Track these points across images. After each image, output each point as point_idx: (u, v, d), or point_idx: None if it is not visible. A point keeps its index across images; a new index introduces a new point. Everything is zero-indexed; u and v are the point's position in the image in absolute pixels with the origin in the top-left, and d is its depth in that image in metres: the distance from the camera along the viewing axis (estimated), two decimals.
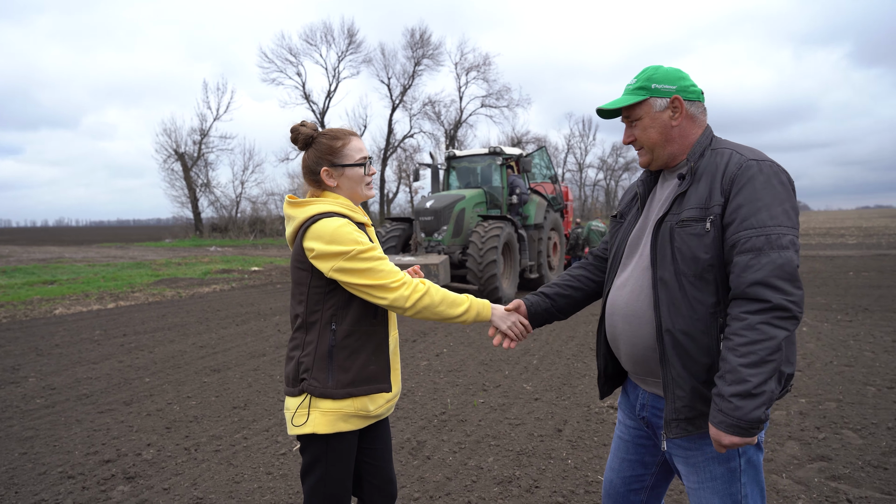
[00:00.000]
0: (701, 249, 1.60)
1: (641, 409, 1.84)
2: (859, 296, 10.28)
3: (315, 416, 1.89)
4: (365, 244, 1.89)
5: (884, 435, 3.89)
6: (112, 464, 3.73)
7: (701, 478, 1.69)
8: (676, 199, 1.68)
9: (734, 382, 1.48)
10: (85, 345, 7.48)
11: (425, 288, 1.92)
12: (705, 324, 1.60)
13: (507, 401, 4.84)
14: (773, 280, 1.48)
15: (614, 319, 1.83)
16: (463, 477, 3.44)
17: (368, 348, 1.95)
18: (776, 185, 1.57)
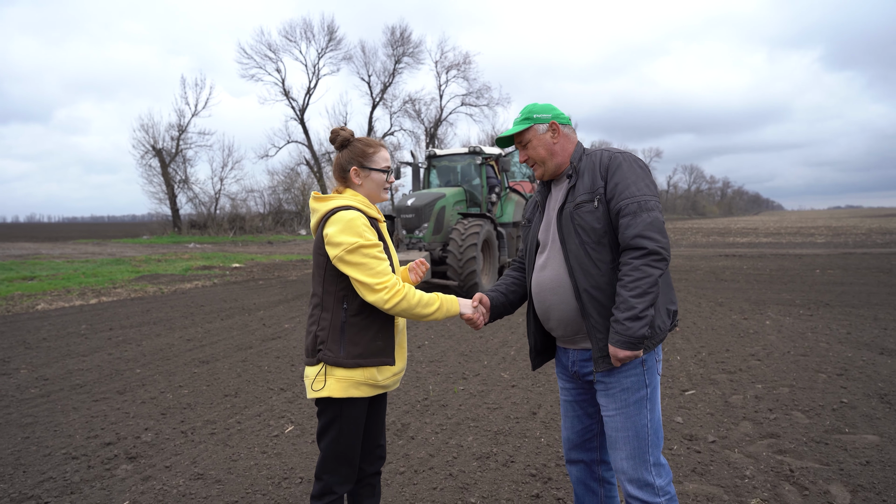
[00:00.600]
0: (595, 221, 2.13)
1: (573, 366, 2.30)
2: (822, 292, 10.75)
3: (330, 382, 2.18)
4: (369, 241, 2.16)
5: (828, 416, 4.26)
6: (113, 446, 3.95)
7: (617, 405, 2.15)
8: (569, 192, 2.22)
9: (625, 309, 1.99)
10: (72, 338, 7.62)
11: (403, 293, 2.16)
12: (609, 278, 2.12)
13: (486, 388, 5.14)
14: (647, 232, 2.02)
15: (543, 295, 2.28)
16: (444, 454, 3.73)
17: (376, 325, 2.23)
18: (637, 168, 2.15)
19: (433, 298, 2.27)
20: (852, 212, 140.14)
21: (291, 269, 17.69)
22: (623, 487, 2.16)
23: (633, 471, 2.11)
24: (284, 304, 10.63)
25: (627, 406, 2.13)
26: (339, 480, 2.26)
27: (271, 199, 44.81)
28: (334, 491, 2.26)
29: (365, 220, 2.20)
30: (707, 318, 8.34)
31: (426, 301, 2.23)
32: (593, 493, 2.41)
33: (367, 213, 2.28)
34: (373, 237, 2.19)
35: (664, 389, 4.99)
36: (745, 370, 5.52)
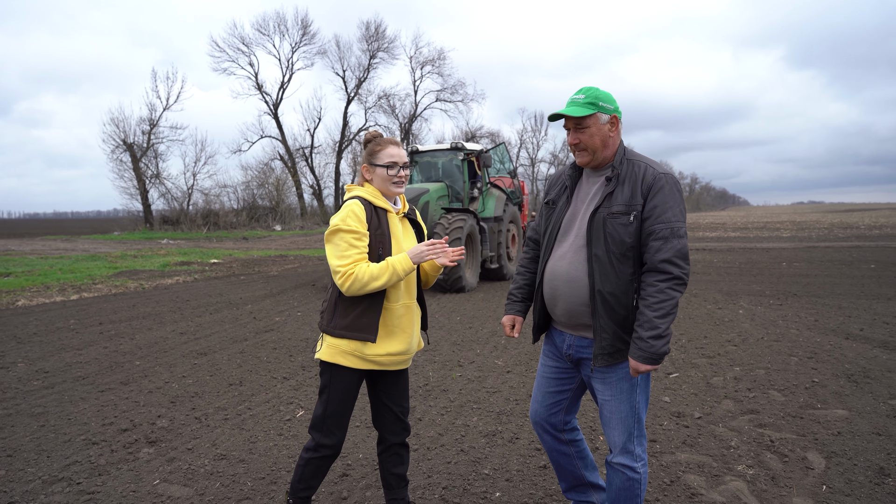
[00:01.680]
0: (626, 235, 2.24)
1: (568, 349, 2.48)
2: (790, 283, 11.27)
3: (323, 347, 2.52)
4: (349, 227, 2.39)
5: (802, 394, 4.61)
6: (130, 431, 4.09)
7: (613, 392, 2.36)
8: (606, 196, 2.29)
9: (649, 328, 2.16)
10: (63, 333, 7.64)
11: (353, 275, 2.34)
12: (626, 287, 2.26)
13: (482, 374, 5.39)
14: (676, 259, 2.18)
15: (555, 283, 2.42)
16: (453, 433, 3.97)
17: (364, 304, 2.45)
18: (675, 193, 2.26)
19: (383, 268, 2.38)
20: (815, 207, 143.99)
21: (271, 264, 17.71)
22: (611, 455, 2.42)
23: (625, 443, 2.37)
24: (271, 298, 10.73)
25: (622, 392, 2.34)
26: (325, 440, 2.53)
27: (245, 194, 44.42)
28: (321, 447, 2.54)
29: (360, 210, 2.44)
30: (684, 308, 8.72)
31: (377, 273, 2.36)
32: (566, 456, 2.65)
33: (374, 202, 2.51)
34: (356, 224, 2.40)
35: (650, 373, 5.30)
36: (724, 354, 5.88)
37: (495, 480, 3.29)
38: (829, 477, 3.21)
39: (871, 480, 3.16)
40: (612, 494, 2.43)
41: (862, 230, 30.49)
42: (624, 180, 2.29)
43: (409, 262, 2.41)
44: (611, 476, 2.43)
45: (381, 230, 2.48)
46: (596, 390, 2.42)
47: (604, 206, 2.28)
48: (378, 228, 2.47)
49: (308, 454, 2.55)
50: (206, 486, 3.25)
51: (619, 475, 2.38)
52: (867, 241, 22.35)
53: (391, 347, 2.50)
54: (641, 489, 2.38)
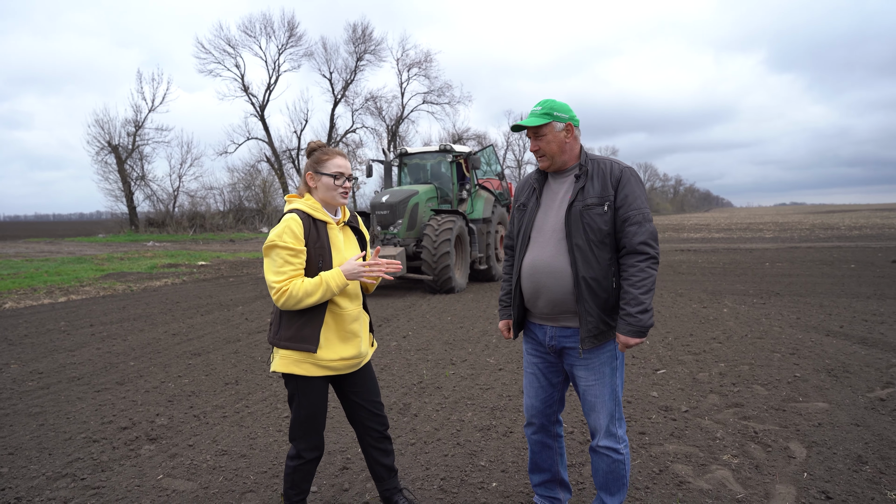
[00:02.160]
0: (603, 223, 2.45)
1: (550, 340, 2.61)
2: (772, 283, 11.50)
3: (277, 358, 2.58)
4: (285, 244, 2.42)
5: (784, 388, 4.77)
6: (130, 430, 4.15)
7: (596, 376, 2.53)
8: (578, 191, 2.49)
9: (636, 304, 2.38)
10: (54, 335, 7.64)
11: (288, 292, 2.40)
12: (606, 272, 2.46)
13: (475, 371, 5.50)
14: (650, 241, 2.42)
15: (538, 277, 2.55)
16: (448, 427, 4.07)
17: (306, 316, 2.51)
18: (640, 183, 2.53)
19: (317, 283, 2.44)
20: (796, 208, 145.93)
21: (259, 266, 17.68)
22: (595, 441, 2.57)
23: (609, 426, 2.52)
24: (261, 299, 10.77)
25: (604, 376, 2.52)
26: (304, 446, 2.62)
27: (231, 196, 44.20)
28: (301, 456, 2.62)
29: (297, 225, 2.46)
30: (669, 307, 8.89)
31: (311, 290, 2.42)
32: (549, 448, 2.79)
33: (314, 215, 2.54)
34: (291, 241, 2.43)
35: (638, 369, 5.44)
36: (709, 351, 6.03)
37: (491, 472, 3.39)
38: (809, 465, 3.36)
39: (850, 468, 3.31)
40: (601, 479, 2.58)
41: (842, 231, 31.01)
42: (592, 176, 2.51)
43: (342, 277, 2.47)
44: (596, 462, 2.58)
45: (319, 243, 2.52)
46: (579, 377, 2.57)
47: (578, 200, 2.49)
48: (317, 241, 2.52)
49: (293, 462, 2.63)
50: (209, 480, 3.33)
51: (605, 459, 2.54)
52: (847, 242, 22.76)
53: (344, 353, 2.57)
54: (626, 469, 2.56)
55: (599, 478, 2.59)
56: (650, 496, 3.05)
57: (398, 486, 2.85)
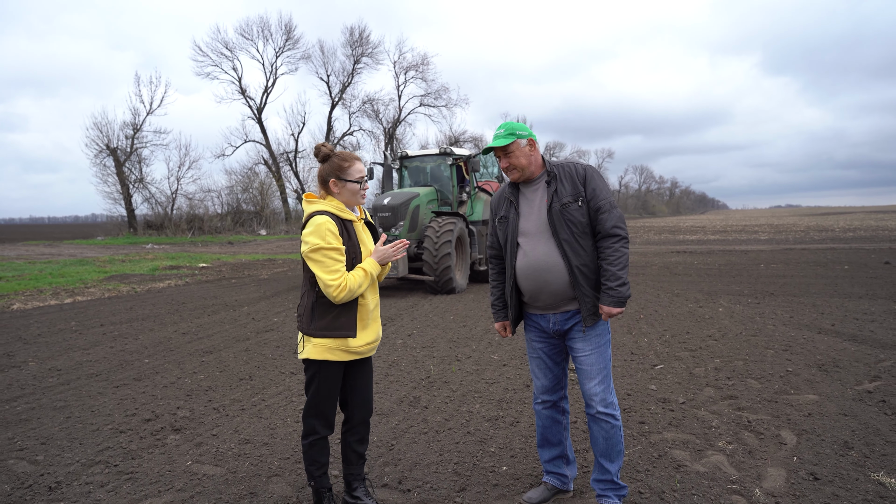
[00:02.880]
0: (581, 216, 2.83)
1: (554, 326, 2.95)
2: (767, 283, 11.74)
3: (308, 347, 2.78)
4: (329, 244, 2.64)
5: (777, 381, 4.99)
6: (154, 421, 4.34)
7: (592, 346, 2.88)
8: (553, 194, 2.84)
9: (615, 279, 2.76)
10: (66, 334, 7.82)
11: (346, 287, 2.65)
12: (592, 257, 2.84)
13: (480, 367, 5.71)
14: (620, 224, 2.82)
15: (538, 275, 2.88)
16: (459, 417, 4.28)
17: (339, 308, 2.76)
18: (601, 177, 2.91)
19: (362, 275, 2.72)
20: (792, 211, 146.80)
21: (260, 268, 17.87)
22: (594, 408, 2.88)
23: (603, 393, 2.87)
24: (266, 300, 10.96)
25: (599, 346, 2.88)
26: (320, 424, 2.85)
27: (229, 199, 44.33)
28: (317, 431, 2.85)
29: (333, 226, 2.68)
30: (666, 306, 9.12)
31: (360, 281, 2.71)
32: (559, 423, 3.09)
33: (340, 216, 2.77)
34: (335, 241, 2.66)
35: (637, 365, 5.66)
36: (704, 348, 6.26)
37: (501, 457, 3.61)
38: (799, 450, 3.58)
39: (837, 452, 3.53)
40: (601, 446, 2.89)
41: (837, 233, 31.34)
42: (561, 178, 2.89)
43: (377, 265, 2.81)
44: (595, 430, 2.90)
45: (351, 241, 2.77)
46: (577, 349, 2.91)
47: (555, 201, 2.85)
48: (349, 240, 2.76)
49: (307, 440, 2.86)
50: (236, 466, 3.53)
51: (605, 425, 2.87)
52: (841, 244, 23.06)
53: (368, 338, 2.85)
54: (621, 434, 2.91)
55: (599, 445, 2.89)
56: (650, 478, 3.27)
57: (363, 473, 3.06)
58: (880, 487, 3.09)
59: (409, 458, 3.62)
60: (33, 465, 3.60)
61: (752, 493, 3.06)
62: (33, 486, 3.31)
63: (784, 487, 3.12)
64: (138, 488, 3.27)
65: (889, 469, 3.29)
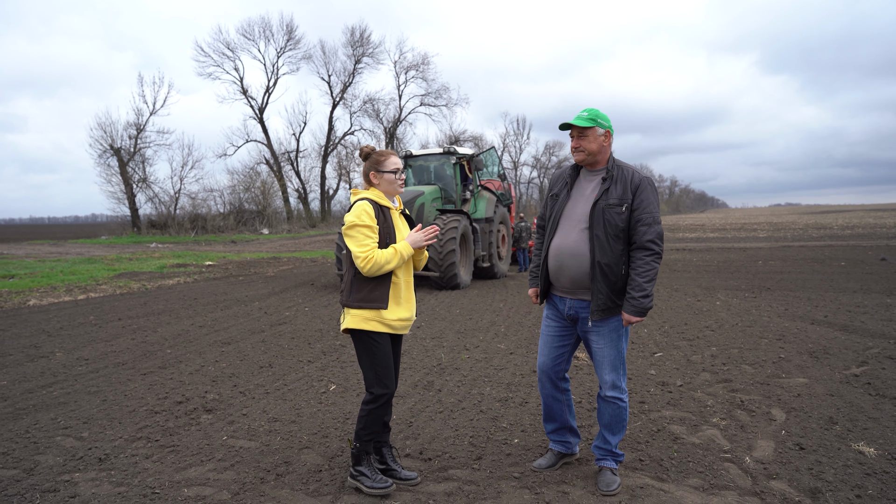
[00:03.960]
0: (620, 221, 2.98)
1: (569, 310, 3.18)
2: (764, 279, 12.05)
3: (348, 318, 3.09)
4: (363, 222, 3.01)
5: (769, 367, 5.29)
6: (185, 404, 4.64)
7: (605, 341, 3.09)
8: (603, 192, 3.01)
9: (639, 290, 2.95)
10: (86, 328, 8.11)
11: (373, 259, 2.95)
12: (618, 259, 3.00)
13: (488, 356, 6.01)
14: (657, 240, 2.97)
15: (563, 258, 3.10)
16: (471, 399, 4.58)
17: (374, 282, 3.08)
18: (654, 192, 3.05)
19: (392, 253, 3.01)
20: (791, 209, 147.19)
21: (266, 266, 18.16)
22: (604, 392, 3.15)
23: (614, 379, 3.11)
24: (275, 296, 11.25)
25: (612, 341, 3.09)
26: (381, 391, 3.12)
27: (231, 198, 44.62)
28: (378, 399, 3.12)
29: (370, 208, 3.04)
30: (665, 300, 9.42)
31: (388, 258, 3.00)
32: (559, 402, 3.35)
33: (379, 202, 3.12)
34: (369, 220, 3.01)
35: (638, 353, 5.96)
36: (702, 338, 6.56)
37: (512, 431, 3.91)
38: (788, 425, 3.88)
39: (822, 427, 3.83)
40: (606, 420, 3.18)
41: (835, 230, 31.67)
42: (616, 181, 3.03)
43: (409, 247, 3.09)
44: (603, 407, 3.18)
45: (387, 224, 3.10)
46: (591, 341, 3.15)
47: (602, 199, 3.02)
48: (385, 224, 3.09)
49: (369, 406, 3.13)
50: (269, 440, 3.83)
51: (612, 406, 3.15)
52: (839, 241, 23.38)
53: (401, 314, 3.13)
54: (626, 414, 3.19)
55: (605, 419, 3.18)
56: (650, 448, 3.57)
57: (388, 442, 3.36)
58: (860, 455, 3.39)
59: (427, 433, 3.92)
60: (80, 441, 3.90)
61: (742, 461, 3.36)
62: (84, 458, 3.61)
63: (772, 456, 3.41)
64: (181, 459, 3.56)
65: (869, 440, 3.59)
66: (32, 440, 3.92)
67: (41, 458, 3.62)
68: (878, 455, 3.38)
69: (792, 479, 3.13)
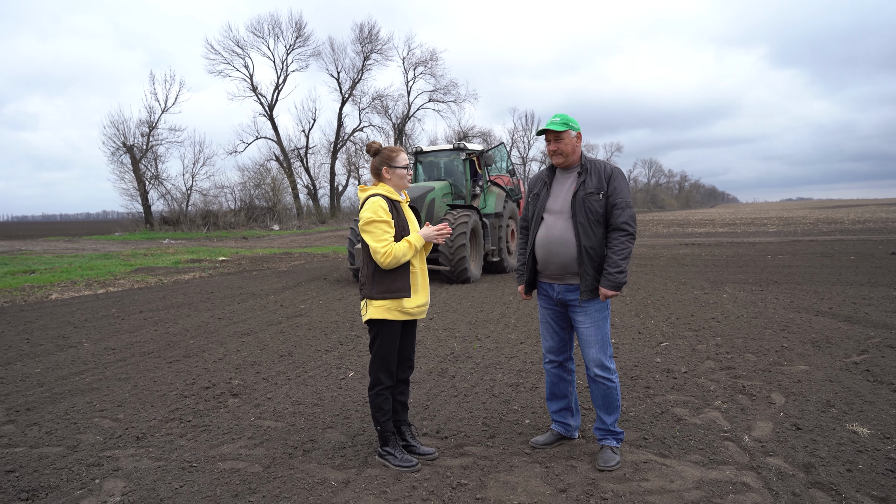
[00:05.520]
0: (599, 207, 3.30)
1: (558, 295, 3.45)
2: (772, 273, 12.16)
3: (370, 309, 3.30)
4: (380, 217, 3.22)
5: (772, 355, 5.47)
6: (212, 389, 4.88)
7: (592, 320, 3.36)
8: (581, 183, 3.33)
9: (615, 266, 3.25)
10: (109, 320, 8.39)
11: (392, 253, 3.16)
12: (600, 242, 3.31)
13: (499, 345, 6.22)
14: (630, 221, 3.29)
15: (551, 246, 3.37)
16: (483, 384, 4.80)
17: (395, 272, 3.29)
18: (624, 179, 3.38)
19: (407, 246, 3.22)
20: (803, 203, 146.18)
21: (278, 261, 18.44)
22: (592, 371, 3.38)
23: (601, 358, 3.35)
24: (290, 289, 11.51)
25: (597, 321, 3.36)
26: (384, 376, 3.36)
27: (242, 194, 45.02)
28: (381, 382, 3.36)
29: (385, 204, 3.22)
30: (673, 293, 9.59)
31: (405, 250, 3.21)
32: (564, 381, 3.60)
33: (390, 196, 3.32)
34: (385, 216, 3.20)
35: (644, 342, 6.15)
36: (707, 329, 6.74)
37: (523, 413, 4.12)
38: (786, 408, 4.07)
39: (819, 409, 4.02)
40: (599, 401, 3.41)
41: (846, 225, 31.57)
42: (591, 173, 3.37)
43: (422, 240, 3.32)
44: (595, 389, 3.42)
45: (400, 218, 3.31)
46: (578, 321, 3.41)
47: (580, 190, 3.34)
48: (398, 217, 3.29)
49: (374, 390, 3.38)
50: (294, 421, 4.06)
51: (602, 386, 3.39)
52: (849, 235, 23.36)
53: (419, 300, 3.36)
54: (618, 394, 3.41)
55: (598, 401, 3.41)
56: (654, 428, 3.77)
57: (408, 420, 3.59)
58: (854, 435, 3.57)
59: (443, 414, 4.14)
60: (116, 422, 4.15)
61: (741, 440, 3.55)
62: (122, 437, 3.86)
63: (770, 435, 3.61)
64: (214, 437, 3.81)
65: (863, 421, 3.77)
66: (72, 421, 4.18)
67: (82, 437, 3.88)
68: (871, 434, 3.57)
69: (787, 455, 3.32)
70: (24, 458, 3.56)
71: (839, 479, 3.02)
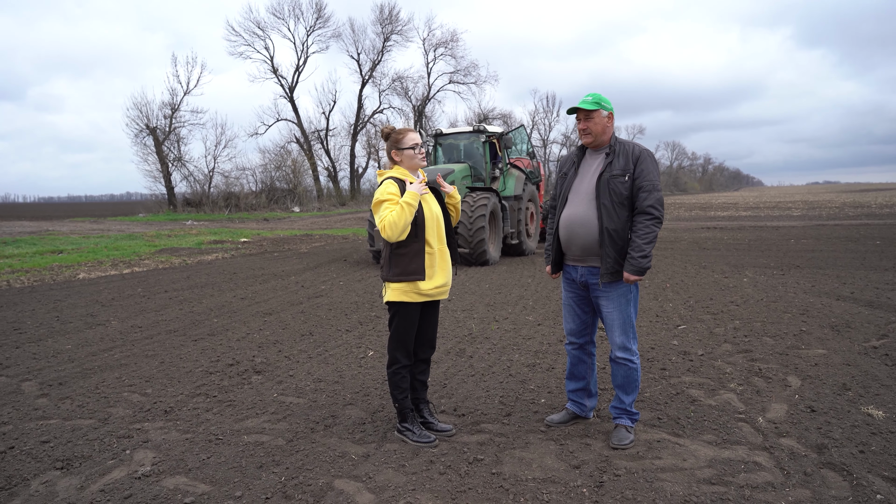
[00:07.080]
0: (624, 189, 3.26)
1: (581, 277, 3.45)
2: (795, 257, 12.03)
3: (388, 291, 3.37)
4: (387, 198, 3.20)
5: (790, 339, 5.46)
6: (236, 366, 5.02)
7: (614, 304, 3.36)
8: (607, 165, 3.29)
9: (638, 251, 3.21)
10: (135, 299, 8.61)
11: (385, 223, 3.14)
12: (624, 225, 3.27)
13: (517, 326, 6.28)
14: (656, 205, 3.24)
15: (573, 227, 3.37)
16: (501, 364, 4.88)
17: (410, 255, 3.34)
18: (653, 162, 3.33)
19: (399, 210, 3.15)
20: (829, 187, 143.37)
21: (299, 242, 18.65)
22: (615, 353, 3.41)
23: (624, 341, 3.38)
24: (310, 271, 11.67)
25: (621, 305, 3.34)
26: (401, 354, 3.44)
27: (263, 176, 45.41)
28: (398, 361, 3.44)
29: (393, 186, 3.27)
30: (693, 277, 9.55)
31: (397, 214, 3.14)
32: (584, 363, 3.64)
33: (404, 179, 3.35)
34: (392, 196, 3.21)
35: (661, 325, 6.17)
36: (726, 312, 6.73)
37: (539, 392, 4.20)
38: (802, 391, 4.08)
39: (835, 392, 4.03)
40: (619, 381, 3.45)
41: (873, 209, 30.95)
42: (619, 154, 3.31)
43: (412, 196, 3.20)
44: (616, 370, 3.46)
45: None
46: (602, 305, 3.41)
47: (606, 171, 3.30)
48: None
49: (392, 369, 3.47)
50: (315, 397, 4.18)
51: (623, 367, 3.42)
52: (876, 220, 22.92)
53: (437, 282, 3.39)
54: (638, 375, 3.45)
55: (618, 381, 3.45)
56: (668, 408, 3.82)
57: (426, 399, 3.68)
58: (868, 417, 3.59)
59: (460, 393, 4.23)
60: (145, 397, 4.31)
61: (755, 421, 3.59)
62: (151, 410, 4.01)
63: (784, 417, 3.64)
64: (238, 412, 3.94)
65: (878, 404, 3.78)
66: (103, 395, 4.35)
67: (113, 410, 4.03)
68: (886, 417, 3.58)
69: (801, 436, 3.35)
70: (58, 429, 3.72)
71: (851, 460, 3.05)
